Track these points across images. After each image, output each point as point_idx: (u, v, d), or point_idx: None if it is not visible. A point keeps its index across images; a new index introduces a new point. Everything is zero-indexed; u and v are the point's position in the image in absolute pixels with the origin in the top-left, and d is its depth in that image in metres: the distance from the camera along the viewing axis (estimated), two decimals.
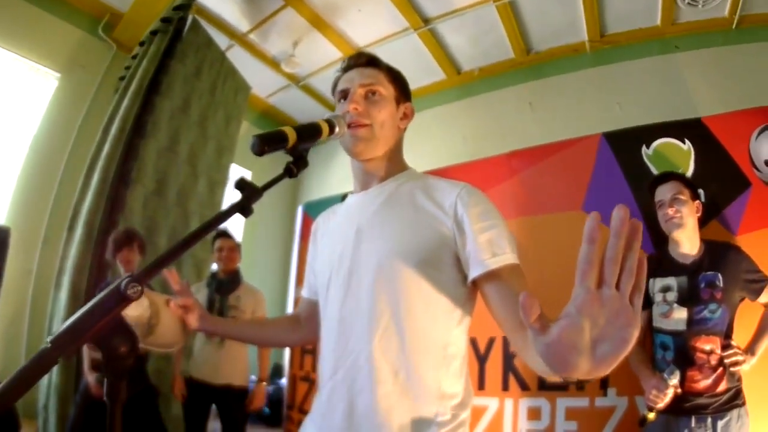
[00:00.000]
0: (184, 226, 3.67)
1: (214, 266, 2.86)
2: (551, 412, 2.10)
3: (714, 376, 1.58)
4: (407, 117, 1.05)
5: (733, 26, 3.76)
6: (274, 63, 4.89)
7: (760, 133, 2.03)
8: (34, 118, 3.67)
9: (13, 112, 3.60)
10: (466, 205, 0.89)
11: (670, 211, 1.70)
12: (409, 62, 4.43)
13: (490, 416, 2.21)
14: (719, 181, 2.03)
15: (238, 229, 5.19)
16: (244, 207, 0.66)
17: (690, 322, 1.63)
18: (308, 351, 3.05)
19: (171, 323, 1.06)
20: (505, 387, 2.23)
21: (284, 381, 3.34)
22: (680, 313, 1.65)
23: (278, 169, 0.78)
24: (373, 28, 4.39)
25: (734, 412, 1.55)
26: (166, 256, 0.56)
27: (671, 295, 1.68)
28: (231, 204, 0.67)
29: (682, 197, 1.72)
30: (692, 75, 3.85)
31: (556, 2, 4.00)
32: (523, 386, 2.20)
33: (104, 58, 4.03)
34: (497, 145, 3.31)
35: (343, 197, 1.15)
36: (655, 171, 2.13)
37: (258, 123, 5.71)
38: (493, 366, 2.28)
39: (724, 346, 1.59)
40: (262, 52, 4.78)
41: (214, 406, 2.68)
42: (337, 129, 0.87)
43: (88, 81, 3.93)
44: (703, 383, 1.58)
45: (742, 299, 1.67)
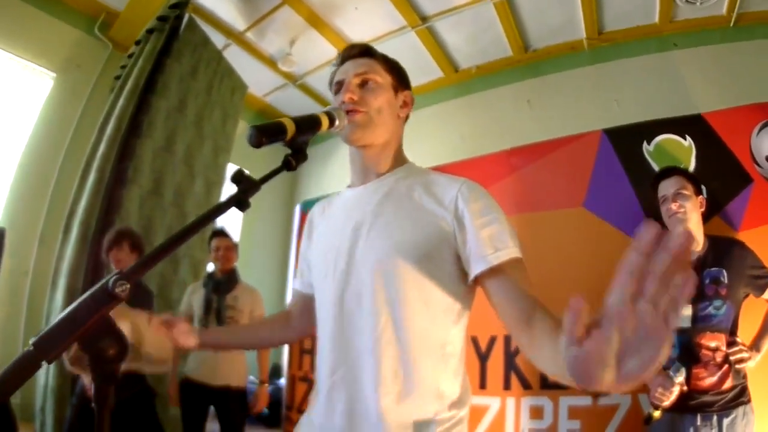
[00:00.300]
0: (181, 226, 3.61)
1: (211, 266, 2.84)
2: (554, 410, 2.08)
3: (719, 374, 1.56)
4: (407, 105, 1.03)
5: (731, 24, 3.76)
6: (271, 62, 4.87)
7: (761, 129, 2.02)
8: (30, 118, 3.64)
9: (9, 112, 3.57)
10: (467, 201, 0.87)
11: (674, 206, 1.68)
12: (407, 60, 4.29)
13: (492, 416, 2.19)
14: (721, 177, 2.01)
15: (235, 228, 5.17)
16: (241, 200, 0.64)
17: (695, 318, 1.61)
18: (307, 351, 3.03)
19: (156, 341, 1.02)
20: (507, 386, 2.21)
21: (283, 381, 3.32)
22: (685, 310, 1.63)
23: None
24: (371, 26, 4.36)
25: (740, 410, 1.54)
26: (157, 252, 0.53)
27: None
28: (227, 197, 0.64)
29: (685, 192, 1.69)
30: (690, 73, 3.84)
31: (554, 0, 3.98)
32: (525, 385, 2.18)
33: (100, 58, 4.00)
34: (495, 143, 3.28)
35: None
36: (656, 167, 2.12)
37: (255, 122, 5.59)
38: (495, 365, 2.25)
39: (730, 343, 1.58)
40: (259, 51, 4.75)
41: (213, 407, 2.66)
42: (337, 122, 0.85)
43: (83, 80, 3.90)
44: (709, 381, 1.57)
45: (747, 295, 1.66)
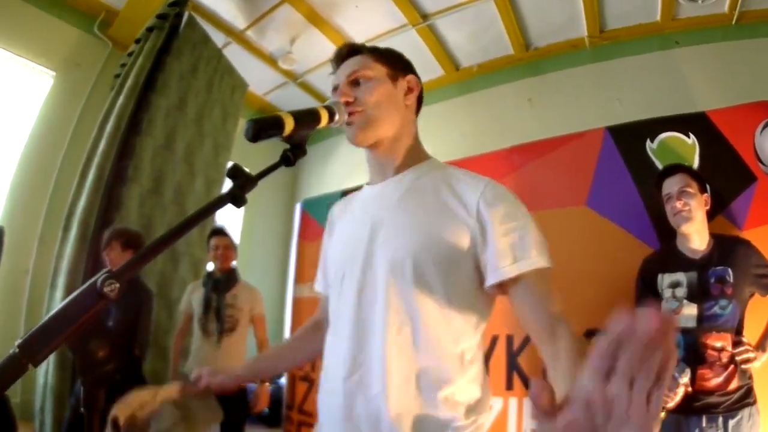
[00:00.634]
0: None
1: (211, 265, 2.82)
2: None
3: (725, 374, 1.54)
4: (412, 90, 0.99)
5: (733, 22, 3.72)
6: (271, 60, 4.84)
7: (765, 128, 1.99)
8: (30, 116, 3.62)
9: (8, 110, 3.55)
10: (489, 205, 0.84)
11: (678, 204, 1.66)
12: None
13: (494, 416, 2.16)
14: (724, 176, 1.99)
15: (235, 227, 5.15)
16: (236, 196, 0.61)
17: (700, 318, 1.59)
18: None
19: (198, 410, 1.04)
20: (509, 386, 2.18)
21: (284, 381, 3.31)
22: (690, 310, 1.61)
23: (280, 169, 0.73)
24: (371, 24, 4.34)
25: (745, 411, 1.52)
26: (147, 251, 0.51)
27: (680, 291, 1.64)
28: (223, 193, 0.62)
29: (690, 190, 1.68)
30: (692, 71, 3.81)
31: None
32: (528, 385, 2.16)
33: (100, 56, 3.98)
34: (496, 141, 3.26)
35: (343, 193, 1.11)
36: (660, 165, 2.09)
37: None
38: (497, 365, 2.23)
39: (735, 343, 1.55)
40: (259, 49, 4.72)
41: None
42: (337, 117, 0.83)
43: (83, 79, 3.88)
44: (714, 381, 1.55)
45: (752, 294, 1.63)
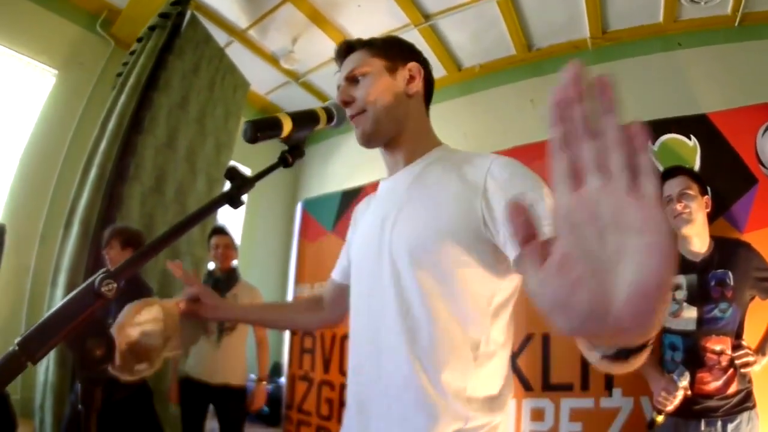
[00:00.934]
0: None
1: (212, 264, 2.82)
2: (555, 413, 2.06)
3: (724, 378, 1.53)
4: (414, 78, 0.96)
5: (736, 24, 3.71)
6: (273, 59, 4.84)
7: (766, 130, 1.99)
8: (32, 115, 3.63)
9: (10, 109, 3.56)
10: (496, 180, 0.79)
11: (679, 207, 1.65)
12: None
13: None
14: (725, 178, 1.99)
15: (236, 227, 5.16)
16: (233, 197, 0.61)
17: (700, 321, 1.59)
18: (307, 350, 3.01)
19: (183, 329, 1.04)
20: None
21: (283, 380, 3.31)
22: (690, 313, 1.61)
23: (280, 169, 0.74)
24: (373, 24, 4.33)
25: (744, 415, 1.51)
26: (145, 251, 0.52)
27: (681, 294, 1.64)
28: (220, 194, 0.62)
29: (690, 192, 1.67)
30: (695, 73, 3.80)
31: None
32: (527, 386, 2.16)
33: (102, 55, 3.98)
34: (498, 142, 3.27)
35: (344, 193, 1.12)
36: (661, 167, 2.09)
37: None
38: None
39: (735, 347, 1.55)
40: (261, 49, 4.72)
41: (212, 406, 2.65)
42: (336, 119, 0.83)
43: (85, 78, 3.88)
44: (714, 385, 1.54)
45: (753, 298, 1.63)
